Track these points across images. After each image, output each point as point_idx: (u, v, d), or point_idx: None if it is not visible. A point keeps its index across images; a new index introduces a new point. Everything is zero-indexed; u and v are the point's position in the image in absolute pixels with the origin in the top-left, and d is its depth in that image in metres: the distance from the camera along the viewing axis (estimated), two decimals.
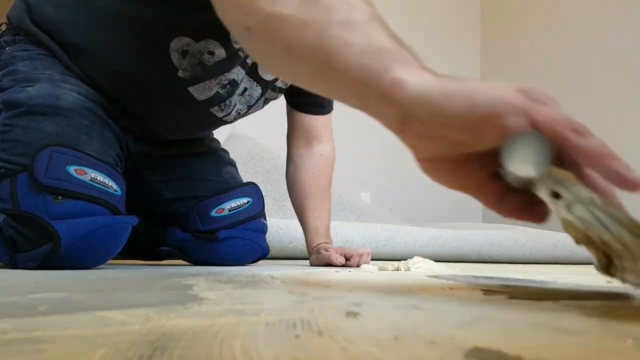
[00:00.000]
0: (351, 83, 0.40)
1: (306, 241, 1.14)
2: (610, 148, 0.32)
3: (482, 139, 0.35)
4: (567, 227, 0.37)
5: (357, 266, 1.01)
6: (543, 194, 0.35)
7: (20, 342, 0.21)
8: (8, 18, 0.91)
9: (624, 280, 0.36)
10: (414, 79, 0.37)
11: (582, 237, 0.37)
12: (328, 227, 1.14)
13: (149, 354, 0.19)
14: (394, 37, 0.41)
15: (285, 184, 1.20)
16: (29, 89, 0.82)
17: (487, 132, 0.34)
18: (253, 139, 2.33)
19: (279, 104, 1.10)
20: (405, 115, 0.36)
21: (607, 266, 0.37)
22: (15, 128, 0.79)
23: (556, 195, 0.34)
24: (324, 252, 1.04)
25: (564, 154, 0.33)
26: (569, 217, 0.35)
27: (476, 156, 0.37)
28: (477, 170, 0.38)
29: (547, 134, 0.32)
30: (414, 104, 0.36)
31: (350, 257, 1.03)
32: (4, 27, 0.93)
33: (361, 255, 1.04)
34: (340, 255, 1.02)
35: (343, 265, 1.01)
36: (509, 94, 0.34)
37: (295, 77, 0.50)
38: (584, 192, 0.33)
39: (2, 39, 0.91)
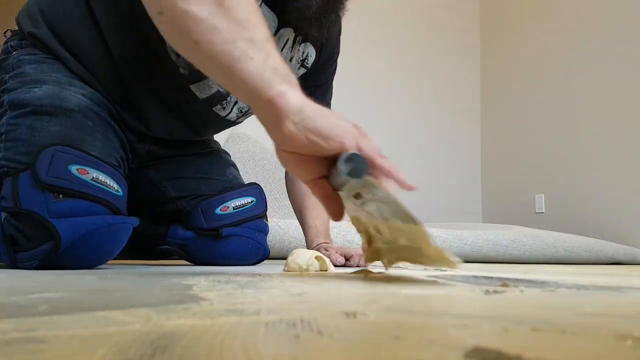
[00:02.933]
0: (247, 86, 0.53)
1: (306, 241, 1.13)
2: (396, 166, 0.52)
3: (328, 147, 0.51)
4: (354, 221, 0.55)
5: (357, 266, 1.01)
6: (346, 195, 0.52)
7: (20, 341, 0.21)
8: (18, 22, 0.92)
9: (383, 262, 0.57)
10: (295, 95, 0.52)
11: (363, 229, 0.55)
12: (327, 227, 1.14)
13: (150, 353, 0.19)
14: (284, 60, 0.55)
15: (284, 183, 1.20)
16: (36, 89, 0.82)
17: (333, 144, 0.51)
18: (253, 139, 2.33)
19: None
20: (283, 118, 0.51)
21: (376, 252, 0.56)
22: (19, 127, 0.80)
23: (357, 196, 0.50)
24: (323, 251, 1.04)
25: (375, 169, 0.51)
26: (360, 212, 0.52)
27: (317, 159, 0.53)
28: (315, 169, 0.55)
29: (366, 156, 0.51)
30: (292, 111, 0.51)
31: (351, 257, 1.02)
32: (9, 34, 0.95)
33: (361, 256, 1.03)
34: (340, 255, 1.02)
35: (343, 266, 1.00)
36: (350, 127, 0.53)
37: (200, 67, 0.58)
38: (381, 193, 0.48)
39: (8, 44, 0.92)
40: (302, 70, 1.02)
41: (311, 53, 1.01)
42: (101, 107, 0.86)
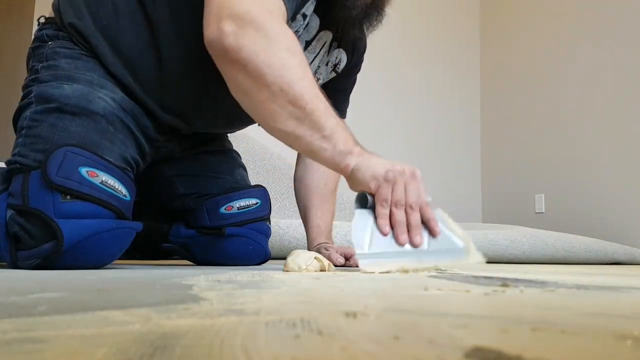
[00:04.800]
0: (325, 164, 0.78)
1: (307, 239, 1.13)
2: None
3: (370, 190, 0.75)
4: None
5: (356, 266, 1.01)
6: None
7: (20, 341, 0.21)
8: (57, 10, 0.90)
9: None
10: (352, 162, 0.75)
11: None
12: (330, 228, 1.14)
13: (150, 353, 0.19)
14: (348, 136, 0.77)
15: (285, 183, 1.20)
16: (66, 86, 0.82)
17: (367, 187, 0.75)
18: (253, 139, 2.33)
19: None
20: (347, 181, 0.78)
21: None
22: (42, 124, 0.80)
23: None
24: (324, 251, 1.04)
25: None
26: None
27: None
28: None
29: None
30: (351, 174, 0.76)
31: (351, 256, 1.02)
32: (42, 20, 0.92)
33: None
34: (341, 255, 1.02)
35: (342, 266, 1.00)
36: (379, 177, 0.74)
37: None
38: None
39: (44, 32, 0.90)
40: (333, 74, 1.06)
41: (343, 59, 1.05)
42: (127, 113, 0.87)
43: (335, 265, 0.99)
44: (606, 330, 0.25)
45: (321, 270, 0.76)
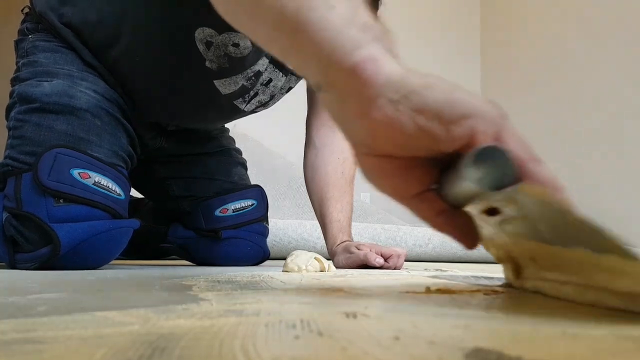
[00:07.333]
0: (321, 48, 0.34)
1: (326, 236, 1.00)
2: (556, 178, 0.34)
3: (448, 137, 0.31)
4: (488, 244, 0.39)
5: (394, 268, 0.88)
6: (475, 210, 0.34)
7: (19, 342, 0.20)
8: (31, 3, 0.90)
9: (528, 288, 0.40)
10: (391, 62, 0.33)
11: (505, 256, 0.40)
12: (350, 223, 1.01)
13: (149, 354, 0.19)
14: (378, 20, 0.37)
15: (285, 184, 1.20)
16: (46, 84, 0.81)
17: (457, 132, 0.31)
18: (253, 139, 2.33)
19: (281, 103, 1.09)
20: (375, 95, 0.32)
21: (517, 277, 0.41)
22: (26, 124, 0.80)
23: (492, 212, 0.33)
24: (356, 250, 0.90)
25: (525, 179, 0.33)
26: (497, 234, 0.36)
27: (422, 162, 0.35)
28: (420, 178, 0.36)
29: (510, 154, 0.31)
30: (389, 84, 0.32)
31: (389, 257, 0.89)
32: (26, 10, 0.92)
33: (399, 256, 0.90)
34: (378, 254, 0.88)
35: (381, 267, 0.87)
36: (485, 103, 0.32)
37: (252, 28, 0.42)
38: (538, 207, 0.31)
39: (25, 25, 0.90)
40: None
41: None
42: (112, 103, 0.85)
43: (374, 267, 0.87)
44: (606, 330, 0.25)
45: (321, 271, 0.76)
